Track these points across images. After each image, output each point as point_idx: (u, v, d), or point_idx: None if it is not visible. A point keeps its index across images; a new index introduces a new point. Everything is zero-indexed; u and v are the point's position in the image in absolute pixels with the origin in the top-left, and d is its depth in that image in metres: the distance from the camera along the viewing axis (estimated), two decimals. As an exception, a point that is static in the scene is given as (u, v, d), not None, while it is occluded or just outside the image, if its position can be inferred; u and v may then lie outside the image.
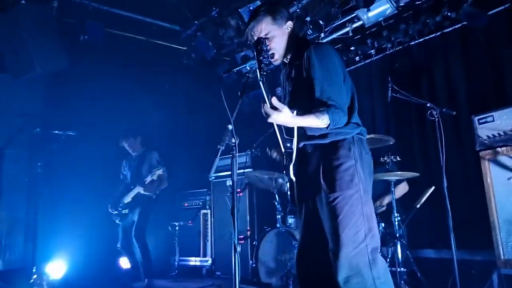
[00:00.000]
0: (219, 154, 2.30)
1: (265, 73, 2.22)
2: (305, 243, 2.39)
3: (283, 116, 2.12)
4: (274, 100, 2.11)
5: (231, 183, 6.00)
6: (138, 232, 5.02)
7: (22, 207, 5.15)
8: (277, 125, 2.33)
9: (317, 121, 2.15)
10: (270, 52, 2.35)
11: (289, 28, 2.46)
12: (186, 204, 6.64)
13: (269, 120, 2.16)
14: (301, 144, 2.35)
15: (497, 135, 3.67)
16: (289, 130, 2.33)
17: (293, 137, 2.32)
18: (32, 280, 4.37)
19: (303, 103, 2.26)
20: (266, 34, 2.39)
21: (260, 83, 2.27)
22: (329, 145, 2.28)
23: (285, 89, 2.53)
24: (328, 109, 2.16)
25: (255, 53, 2.32)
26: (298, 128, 2.32)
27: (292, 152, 2.35)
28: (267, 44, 2.27)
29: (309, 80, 2.26)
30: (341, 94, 2.25)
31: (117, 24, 5.61)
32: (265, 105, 2.15)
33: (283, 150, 2.41)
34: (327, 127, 2.17)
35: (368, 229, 2.15)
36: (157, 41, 6.20)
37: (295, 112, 2.17)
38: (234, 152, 2.31)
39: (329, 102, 2.18)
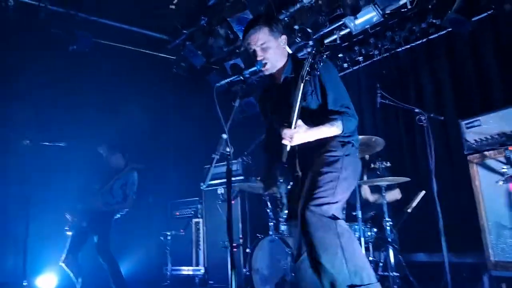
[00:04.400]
0: (213, 164, 2.32)
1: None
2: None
3: (302, 131, 2.25)
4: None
5: (222, 191, 6.01)
6: (102, 248, 4.84)
7: (12, 220, 5.08)
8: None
9: (332, 129, 2.31)
10: (263, 61, 2.40)
11: (283, 42, 2.54)
12: (177, 213, 6.60)
13: (289, 143, 2.27)
14: (299, 150, 2.42)
15: (484, 139, 3.73)
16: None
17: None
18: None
19: (307, 116, 2.33)
20: (262, 44, 2.45)
21: (302, 83, 2.28)
22: (326, 140, 2.37)
23: (278, 105, 2.55)
24: (341, 116, 2.33)
25: (253, 53, 2.46)
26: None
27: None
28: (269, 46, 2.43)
29: (315, 92, 2.39)
30: (350, 101, 2.43)
31: (106, 34, 5.61)
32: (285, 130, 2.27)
33: (284, 160, 2.42)
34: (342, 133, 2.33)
35: (336, 199, 2.23)
36: (146, 51, 6.21)
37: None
38: (229, 161, 2.33)
39: (342, 109, 2.35)
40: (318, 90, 2.41)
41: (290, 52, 2.68)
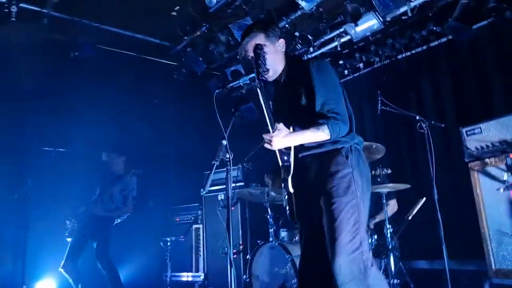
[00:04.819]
0: (213, 170, 2.32)
1: (263, 78, 2.27)
2: (307, 256, 2.43)
3: (282, 135, 2.21)
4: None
5: (222, 197, 6.00)
6: (101, 254, 4.84)
7: (12, 224, 5.07)
8: None
9: (317, 134, 2.23)
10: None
11: (282, 46, 2.52)
12: (177, 219, 6.59)
13: (270, 147, 2.25)
14: (299, 156, 2.39)
15: (485, 146, 3.74)
16: None
17: (290, 150, 2.36)
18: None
19: (302, 118, 2.31)
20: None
21: (258, 90, 2.26)
22: (327, 153, 2.33)
23: (278, 107, 2.55)
24: (327, 121, 2.23)
25: (252, 60, 2.40)
26: None
27: (289, 166, 2.38)
28: (264, 50, 2.33)
29: (309, 94, 2.32)
30: (341, 105, 2.33)
31: (108, 40, 5.63)
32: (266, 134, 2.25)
33: (280, 163, 2.44)
34: (330, 138, 2.25)
35: (363, 236, 2.20)
36: (147, 57, 6.23)
37: (291, 128, 2.25)
38: (229, 167, 2.33)
39: (329, 114, 2.25)
40: (311, 92, 2.33)
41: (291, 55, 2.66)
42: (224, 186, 5.67)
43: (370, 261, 2.20)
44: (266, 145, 2.28)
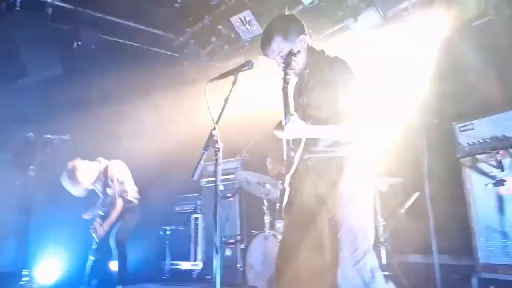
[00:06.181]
0: (202, 159, 2.39)
1: (287, 84, 2.18)
2: (288, 252, 2.45)
3: (294, 125, 2.13)
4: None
5: (222, 188, 6.05)
6: (118, 237, 4.97)
7: (14, 210, 5.17)
8: None
9: (331, 131, 2.23)
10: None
11: (303, 42, 2.42)
12: (177, 209, 6.67)
13: (281, 134, 2.20)
14: (305, 157, 2.34)
15: (476, 142, 3.77)
16: (296, 140, 2.33)
17: (298, 147, 2.31)
18: (21, 283, 4.41)
19: (319, 115, 2.28)
20: (279, 53, 2.38)
21: (282, 92, 2.18)
22: (331, 159, 2.28)
23: (299, 101, 2.49)
24: (343, 122, 2.20)
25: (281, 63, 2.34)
26: (306, 140, 2.31)
27: (293, 162, 2.32)
28: (296, 56, 2.24)
29: (326, 94, 2.26)
30: (357, 108, 2.25)
31: (111, 31, 5.69)
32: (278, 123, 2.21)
33: (285, 157, 2.35)
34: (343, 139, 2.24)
35: (367, 247, 2.16)
36: (150, 48, 6.28)
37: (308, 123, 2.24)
38: (218, 157, 2.38)
39: (345, 116, 2.20)
40: (328, 92, 2.26)
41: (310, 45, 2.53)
42: (224, 177, 5.71)
43: (377, 269, 2.16)
44: (276, 132, 2.23)
